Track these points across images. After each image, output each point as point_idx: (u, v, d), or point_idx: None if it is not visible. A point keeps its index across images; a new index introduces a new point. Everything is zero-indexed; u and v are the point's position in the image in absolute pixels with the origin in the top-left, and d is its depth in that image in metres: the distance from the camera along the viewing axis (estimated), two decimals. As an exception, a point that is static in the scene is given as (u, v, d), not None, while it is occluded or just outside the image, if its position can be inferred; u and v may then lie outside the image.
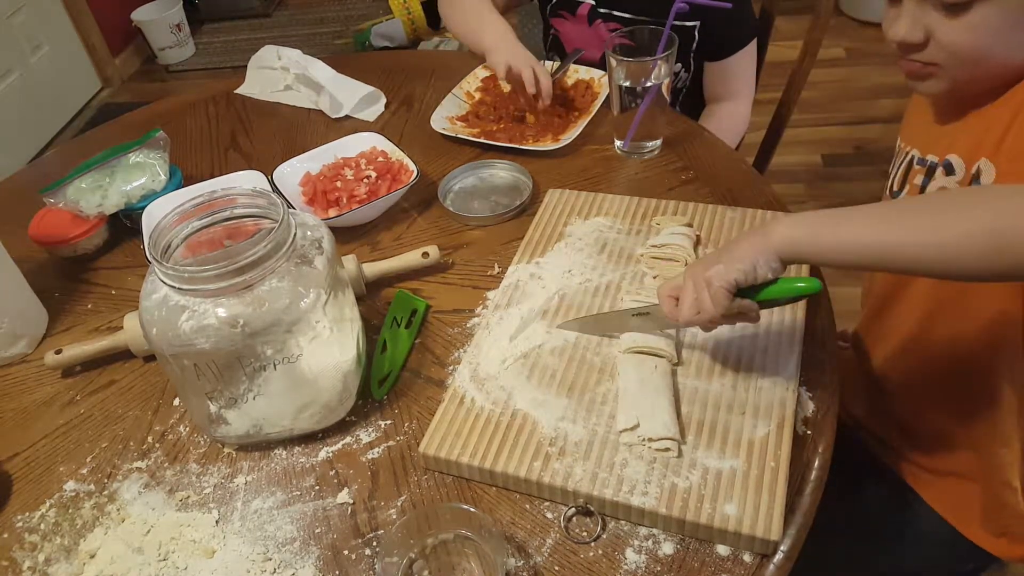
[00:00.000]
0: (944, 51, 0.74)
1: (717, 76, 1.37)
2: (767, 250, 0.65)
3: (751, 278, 0.67)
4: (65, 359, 0.90)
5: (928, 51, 0.75)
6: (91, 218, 1.07)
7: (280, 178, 1.11)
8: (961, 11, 0.70)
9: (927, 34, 0.74)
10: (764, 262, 0.66)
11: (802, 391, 0.76)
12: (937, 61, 0.75)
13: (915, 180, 0.84)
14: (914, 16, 0.74)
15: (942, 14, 0.72)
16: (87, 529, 0.75)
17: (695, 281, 0.69)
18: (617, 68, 1.06)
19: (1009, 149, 0.72)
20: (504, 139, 1.17)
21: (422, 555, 0.69)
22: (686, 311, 0.70)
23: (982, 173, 0.74)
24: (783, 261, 0.66)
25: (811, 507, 0.69)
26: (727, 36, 1.33)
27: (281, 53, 1.44)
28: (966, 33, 0.71)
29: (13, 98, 2.97)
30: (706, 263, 0.69)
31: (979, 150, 0.75)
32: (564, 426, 0.74)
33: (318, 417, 0.79)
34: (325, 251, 0.75)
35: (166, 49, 3.55)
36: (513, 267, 0.94)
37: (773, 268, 0.66)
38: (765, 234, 0.66)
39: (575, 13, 1.38)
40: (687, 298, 0.70)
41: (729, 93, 1.39)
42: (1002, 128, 0.73)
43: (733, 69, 1.35)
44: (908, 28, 0.74)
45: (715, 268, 0.67)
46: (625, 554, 0.67)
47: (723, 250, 0.69)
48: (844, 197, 2.28)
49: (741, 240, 0.68)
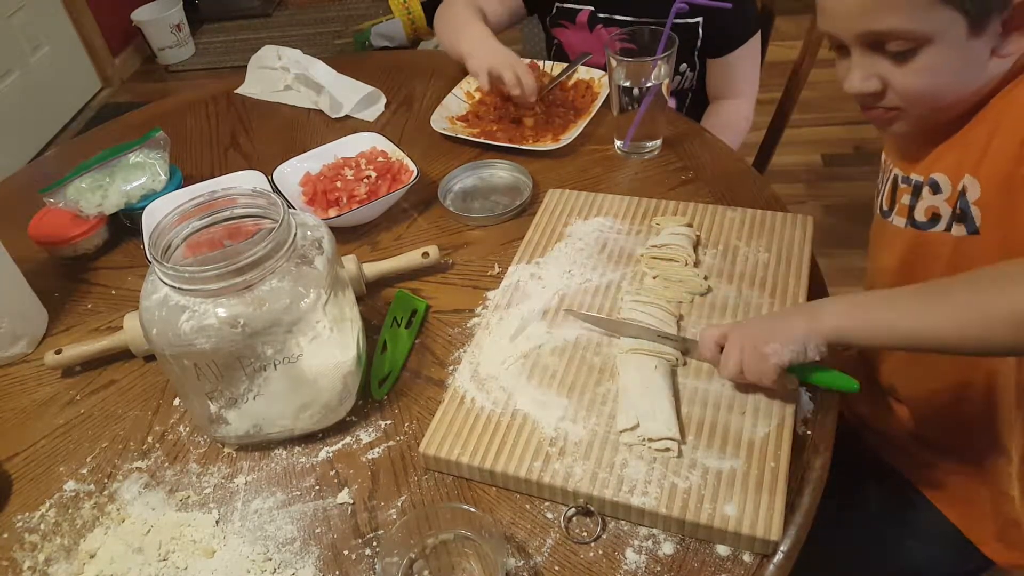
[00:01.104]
0: (901, 96, 0.75)
1: (720, 73, 1.37)
2: (818, 335, 0.69)
3: (802, 359, 0.70)
4: (65, 359, 0.90)
5: (887, 98, 0.76)
6: (91, 218, 1.07)
7: (280, 178, 1.11)
8: (909, 58, 0.72)
9: (883, 82, 0.75)
10: (814, 346, 0.69)
11: (802, 391, 0.76)
12: (898, 105, 0.76)
13: (903, 200, 0.85)
14: (864, 67, 0.75)
15: (891, 63, 0.73)
16: (87, 529, 0.75)
17: (745, 347, 0.72)
18: (617, 68, 1.06)
19: (990, 165, 0.73)
20: (504, 139, 1.17)
21: (422, 555, 0.69)
22: (731, 370, 0.73)
23: (967, 190, 0.76)
24: (830, 345, 0.70)
25: (811, 507, 0.69)
26: (729, 32, 1.32)
27: (281, 53, 1.44)
28: (917, 77, 0.73)
29: (13, 98, 2.97)
30: (760, 333, 0.72)
31: (961, 168, 0.76)
32: (564, 426, 0.74)
33: (318, 417, 0.79)
34: (325, 251, 0.75)
35: (166, 49, 3.55)
36: (513, 267, 0.94)
37: (821, 352, 0.70)
38: (816, 318, 0.70)
39: (575, 21, 1.38)
40: (733, 358, 0.73)
41: (732, 90, 1.38)
42: (980, 147, 0.74)
43: (735, 66, 1.35)
44: (861, 80, 0.75)
45: (772, 346, 0.70)
46: (625, 554, 0.67)
47: (776, 325, 0.72)
48: (844, 197, 2.28)
49: (793, 319, 0.72)
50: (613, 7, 1.33)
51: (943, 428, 0.91)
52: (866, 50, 0.74)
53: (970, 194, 0.75)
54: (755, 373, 0.71)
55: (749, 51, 1.34)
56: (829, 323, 0.69)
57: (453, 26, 1.29)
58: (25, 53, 3.06)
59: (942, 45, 0.70)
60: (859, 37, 0.73)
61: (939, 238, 0.80)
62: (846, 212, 2.22)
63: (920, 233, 0.83)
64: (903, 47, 0.71)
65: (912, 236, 0.84)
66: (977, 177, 0.74)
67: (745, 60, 1.35)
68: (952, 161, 0.78)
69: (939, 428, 0.92)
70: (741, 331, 0.74)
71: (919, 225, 0.83)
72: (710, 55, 1.36)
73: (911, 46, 0.71)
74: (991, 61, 0.72)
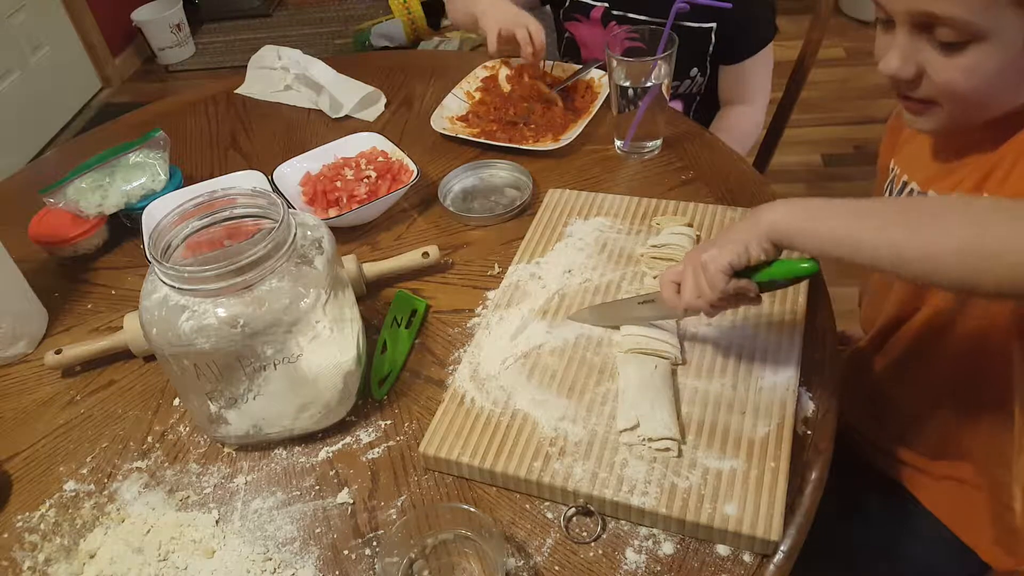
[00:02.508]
0: (938, 90, 0.71)
1: (733, 79, 1.37)
2: (758, 233, 0.67)
3: (744, 260, 0.68)
4: (65, 359, 0.90)
5: (922, 88, 0.72)
6: (91, 218, 1.07)
7: (280, 178, 1.11)
8: (956, 51, 0.67)
9: (919, 70, 0.71)
10: (756, 244, 0.67)
11: (802, 391, 0.76)
12: (933, 99, 0.72)
13: None
14: (906, 50, 0.70)
15: (936, 51, 0.69)
16: (87, 529, 0.75)
17: (693, 266, 0.71)
18: (617, 68, 1.06)
19: (1011, 190, 0.70)
20: (504, 139, 1.17)
21: (422, 555, 0.69)
22: (687, 295, 0.72)
23: None
24: (774, 244, 0.67)
25: (811, 507, 0.69)
26: (743, 40, 1.32)
27: (281, 53, 1.44)
28: (959, 74, 0.68)
29: (13, 98, 2.97)
30: (703, 247, 0.71)
31: (981, 188, 0.73)
32: (564, 426, 0.74)
33: (318, 417, 0.79)
34: (325, 251, 0.75)
35: (166, 49, 3.55)
36: (513, 267, 0.94)
37: (765, 250, 0.67)
38: (756, 218, 0.68)
39: (589, 16, 1.38)
40: (687, 283, 0.72)
41: (743, 97, 1.38)
42: (1006, 168, 0.71)
43: (749, 72, 1.35)
44: (900, 63, 0.71)
45: (710, 252, 0.69)
46: (625, 554, 0.67)
47: (718, 235, 0.72)
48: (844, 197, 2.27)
49: (736, 224, 0.71)
50: (628, 5, 1.33)
51: (940, 438, 0.90)
52: (914, 31, 0.69)
53: None
54: (705, 287, 0.70)
55: (763, 58, 1.34)
56: (769, 218, 0.66)
57: None
58: (25, 53, 3.06)
59: (996, 46, 0.66)
60: (911, 16, 0.68)
61: None
62: (846, 212, 2.22)
63: None
64: (954, 38, 0.66)
65: None
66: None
67: (759, 67, 1.35)
68: (974, 180, 0.74)
69: (936, 438, 0.90)
70: (689, 255, 0.73)
71: None
72: (723, 61, 1.35)
73: (963, 39, 0.66)
74: None
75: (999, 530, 0.87)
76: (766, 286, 0.71)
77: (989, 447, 0.85)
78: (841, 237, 0.63)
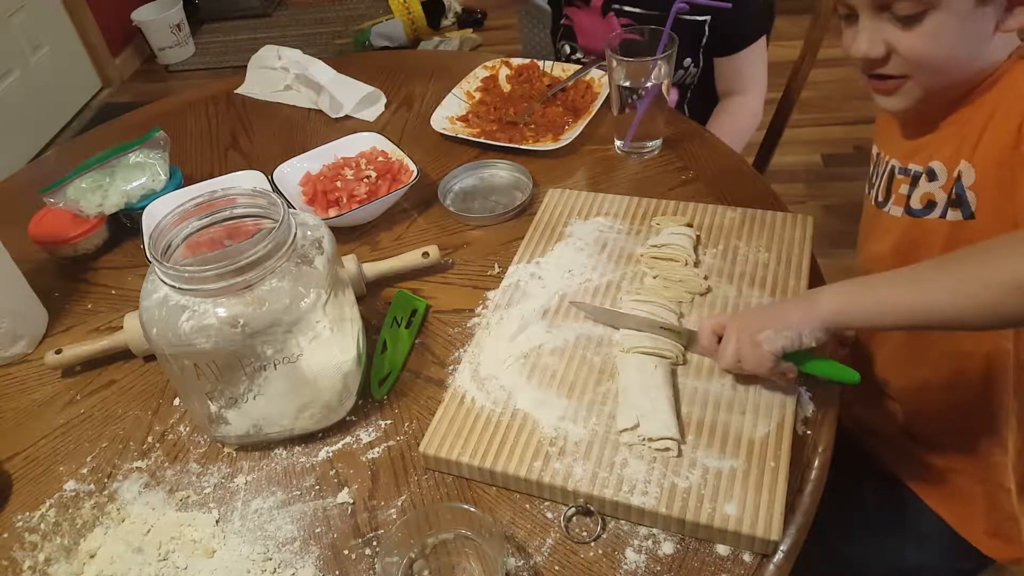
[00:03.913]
0: (907, 63, 0.76)
1: (729, 71, 1.38)
2: (814, 320, 0.69)
3: (797, 345, 0.70)
4: (65, 359, 0.90)
5: (891, 64, 0.77)
6: (91, 218, 1.07)
7: (280, 178, 1.11)
8: (915, 22, 0.73)
9: (888, 48, 0.76)
10: (810, 332, 0.69)
11: (802, 391, 0.76)
12: (905, 73, 0.77)
13: (900, 190, 0.86)
14: (871, 31, 0.76)
15: (898, 27, 0.74)
16: (87, 529, 0.75)
17: (741, 336, 0.72)
18: (617, 68, 1.06)
19: (985, 150, 0.74)
20: (504, 139, 1.17)
21: (422, 555, 0.69)
22: (728, 359, 0.73)
23: (963, 175, 0.76)
24: (827, 331, 0.70)
25: (811, 507, 0.69)
26: (737, 32, 1.33)
27: (281, 53, 1.44)
28: (923, 42, 0.73)
29: (13, 98, 2.97)
30: (755, 321, 0.72)
31: (958, 154, 0.77)
32: (564, 426, 0.74)
33: (318, 417, 0.79)
34: (325, 251, 0.75)
35: (166, 49, 3.55)
36: (513, 267, 0.94)
37: (818, 338, 0.70)
38: (812, 304, 0.70)
39: (589, 4, 1.39)
40: (730, 348, 0.73)
41: (741, 88, 1.39)
42: (977, 131, 0.75)
43: (743, 65, 1.36)
44: (868, 44, 0.76)
45: (765, 333, 0.70)
46: (625, 554, 0.67)
47: (772, 312, 0.73)
48: (844, 197, 2.28)
49: (789, 306, 0.72)
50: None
51: (937, 421, 0.91)
52: (875, 13, 0.75)
53: (965, 179, 0.76)
54: (751, 362, 0.72)
55: (757, 50, 1.35)
56: (826, 306, 0.69)
57: None
58: (25, 53, 3.06)
59: (949, 11, 0.71)
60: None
61: (934, 224, 0.81)
62: (846, 212, 2.22)
63: (915, 220, 0.83)
64: (911, 10, 0.72)
65: (907, 223, 0.85)
66: (972, 162, 0.75)
67: (754, 58, 1.36)
68: (949, 150, 0.79)
69: (933, 422, 0.92)
70: (739, 320, 0.74)
71: (914, 212, 0.83)
72: (718, 53, 1.36)
73: (919, 9, 0.72)
74: (995, 37, 0.73)
75: (997, 519, 0.88)
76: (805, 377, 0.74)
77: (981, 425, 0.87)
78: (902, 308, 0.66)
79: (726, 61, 1.36)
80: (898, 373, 0.94)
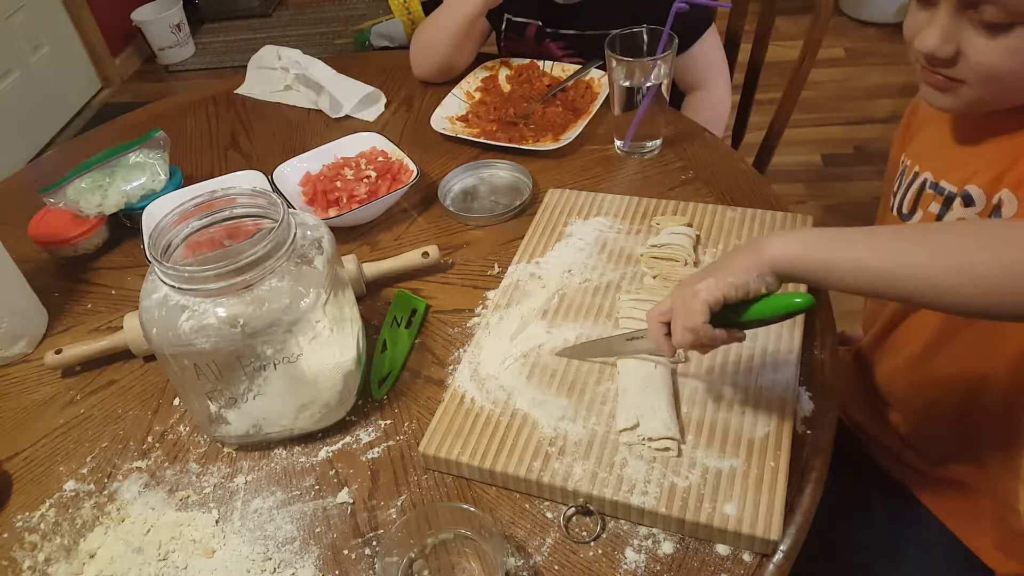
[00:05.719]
0: (973, 71, 0.68)
1: (688, 67, 1.37)
2: (761, 264, 0.62)
3: (742, 293, 0.63)
4: (65, 359, 0.90)
5: (956, 68, 0.69)
6: (91, 218, 1.07)
7: (280, 178, 1.11)
8: (1000, 32, 0.65)
9: (959, 51, 0.68)
10: (758, 276, 0.62)
11: (802, 391, 0.76)
12: (964, 79, 0.69)
13: (929, 207, 0.80)
14: (948, 28, 0.68)
15: (978, 32, 0.66)
16: (87, 529, 0.75)
17: (683, 297, 0.65)
18: (617, 68, 1.06)
19: None
20: (504, 139, 1.17)
21: (422, 555, 0.69)
22: (677, 336, 0.66)
23: (1004, 204, 0.71)
24: (778, 277, 0.62)
25: (811, 507, 0.69)
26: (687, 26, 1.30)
27: (281, 53, 1.44)
28: (1000, 56, 0.66)
29: (13, 98, 2.97)
30: (697, 276, 0.66)
31: (1000, 181, 0.71)
32: (564, 426, 0.74)
33: (318, 417, 0.79)
34: (325, 251, 0.75)
35: (166, 49, 3.55)
36: (513, 267, 0.94)
37: (767, 283, 0.62)
38: (759, 247, 0.62)
39: (524, 35, 1.40)
40: (677, 321, 0.65)
41: (703, 81, 1.39)
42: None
43: (699, 57, 1.35)
44: (940, 41, 0.68)
45: (705, 282, 0.63)
46: (625, 553, 0.67)
47: (716, 263, 0.66)
48: (844, 197, 2.28)
49: (734, 253, 0.65)
50: (559, 23, 1.34)
51: (943, 442, 0.89)
52: (957, 10, 0.67)
53: (1006, 209, 0.70)
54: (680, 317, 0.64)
55: (709, 41, 1.34)
56: (774, 248, 0.61)
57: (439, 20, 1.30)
58: (25, 53, 3.06)
59: None
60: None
61: None
62: (846, 212, 2.23)
63: None
64: (1001, 19, 0.64)
65: None
66: (1017, 193, 0.69)
67: (707, 49, 1.35)
68: (991, 173, 0.72)
69: (938, 441, 0.89)
70: (678, 287, 0.66)
71: None
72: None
73: (1010, 20, 0.64)
74: None
75: (1003, 534, 0.86)
76: (754, 324, 0.66)
77: (995, 449, 0.84)
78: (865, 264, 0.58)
79: (683, 58, 1.35)
80: (904, 385, 0.91)
